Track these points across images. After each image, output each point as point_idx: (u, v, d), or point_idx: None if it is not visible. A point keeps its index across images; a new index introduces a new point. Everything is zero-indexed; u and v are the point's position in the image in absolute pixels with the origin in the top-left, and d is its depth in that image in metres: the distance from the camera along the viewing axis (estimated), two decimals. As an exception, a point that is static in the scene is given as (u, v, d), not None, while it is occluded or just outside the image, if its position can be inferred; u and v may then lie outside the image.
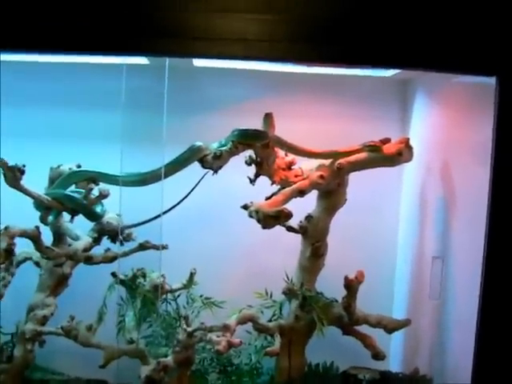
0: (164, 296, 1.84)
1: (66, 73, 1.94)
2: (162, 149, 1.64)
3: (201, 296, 1.87)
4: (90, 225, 1.82)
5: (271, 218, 1.57)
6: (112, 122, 1.74)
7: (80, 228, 1.83)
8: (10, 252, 1.58)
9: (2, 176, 1.56)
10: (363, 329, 1.82)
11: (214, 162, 1.62)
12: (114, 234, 1.80)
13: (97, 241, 1.81)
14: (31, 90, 1.98)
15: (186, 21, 1.37)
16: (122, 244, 1.81)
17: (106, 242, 1.85)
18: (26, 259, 1.85)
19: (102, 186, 1.70)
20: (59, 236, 1.81)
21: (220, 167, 1.63)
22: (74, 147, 1.93)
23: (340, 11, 1.41)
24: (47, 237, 1.77)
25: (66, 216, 1.79)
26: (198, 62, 1.85)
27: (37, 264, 1.86)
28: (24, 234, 1.62)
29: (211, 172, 1.64)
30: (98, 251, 1.81)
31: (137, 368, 1.80)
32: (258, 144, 1.66)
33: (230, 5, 1.38)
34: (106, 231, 1.80)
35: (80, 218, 1.77)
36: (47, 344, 1.80)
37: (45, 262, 1.83)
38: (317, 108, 2.06)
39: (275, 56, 1.44)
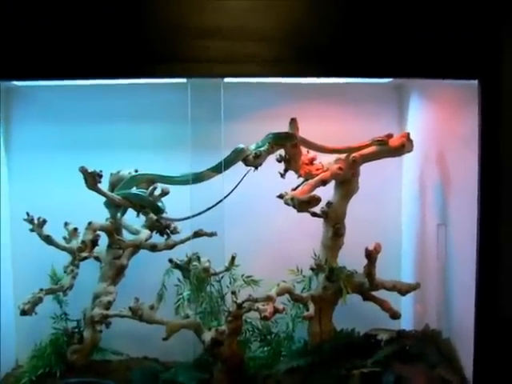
0: (210, 278, 2.09)
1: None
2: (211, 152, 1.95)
3: (242, 275, 2.13)
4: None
5: (304, 203, 1.88)
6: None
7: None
8: (94, 242, 1.87)
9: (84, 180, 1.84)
10: (377, 293, 2.08)
11: (254, 160, 1.91)
12: (163, 228, 2.08)
13: (148, 234, 2.10)
14: (106, 109, 2.26)
15: (207, 49, 1.66)
16: (169, 236, 2.11)
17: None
18: (87, 255, 2.12)
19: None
20: (116, 231, 2.07)
21: (260, 165, 1.92)
22: (129, 155, 2.22)
23: (336, 35, 1.70)
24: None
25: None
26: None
27: (96, 258, 2.11)
28: (102, 228, 1.92)
29: (252, 169, 1.93)
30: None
31: (182, 347, 2.10)
32: (288, 144, 1.96)
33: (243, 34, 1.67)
34: (155, 226, 2.10)
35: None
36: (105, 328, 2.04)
37: (105, 256, 2.09)
38: (326, 112, 2.33)
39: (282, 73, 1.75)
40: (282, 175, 2.02)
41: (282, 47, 1.69)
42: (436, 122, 2.16)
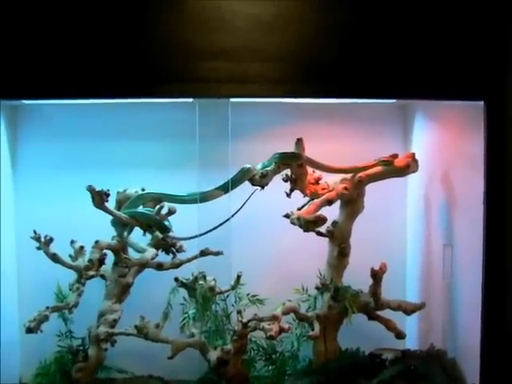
0: (216, 297, 2.09)
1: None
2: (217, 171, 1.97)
3: (248, 294, 2.13)
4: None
5: (311, 223, 1.90)
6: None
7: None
8: (101, 261, 1.88)
9: (91, 198, 1.85)
10: (382, 313, 2.09)
11: (261, 180, 1.93)
12: (168, 246, 2.09)
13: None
14: (114, 126, 2.27)
15: (214, 70, 1.70)
16: (175, 255, 2.10)
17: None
18: (93, 273, 2.13)
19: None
20: (123, 250, 2.06)
21: (266, 184, 1.93)
22: (137, 173, 2.22)
23: (341, 57, 1.73)
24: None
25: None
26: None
27: (102, 276, 2.09)
28: (109, 247, 1.93)
29: (259, 189, 1.95)
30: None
31: (187, 366, 2.09)
32: (294, 164, 1.98)
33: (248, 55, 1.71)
34: (161, 244, 2.10)
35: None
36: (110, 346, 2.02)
37: (110, 273, 2.08)
38: (331, 131, 2.33)
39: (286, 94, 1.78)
40: (288, 195, 2.03)
41: (286, 68, 1.72)
42: (441, 141, 2.17)
